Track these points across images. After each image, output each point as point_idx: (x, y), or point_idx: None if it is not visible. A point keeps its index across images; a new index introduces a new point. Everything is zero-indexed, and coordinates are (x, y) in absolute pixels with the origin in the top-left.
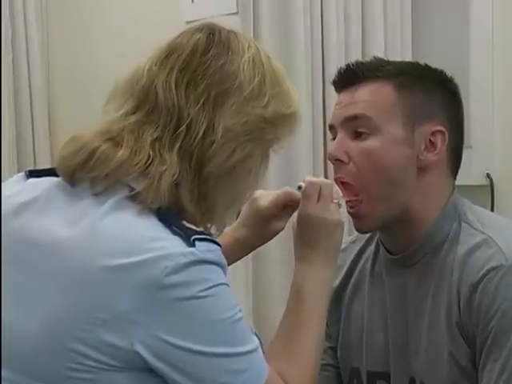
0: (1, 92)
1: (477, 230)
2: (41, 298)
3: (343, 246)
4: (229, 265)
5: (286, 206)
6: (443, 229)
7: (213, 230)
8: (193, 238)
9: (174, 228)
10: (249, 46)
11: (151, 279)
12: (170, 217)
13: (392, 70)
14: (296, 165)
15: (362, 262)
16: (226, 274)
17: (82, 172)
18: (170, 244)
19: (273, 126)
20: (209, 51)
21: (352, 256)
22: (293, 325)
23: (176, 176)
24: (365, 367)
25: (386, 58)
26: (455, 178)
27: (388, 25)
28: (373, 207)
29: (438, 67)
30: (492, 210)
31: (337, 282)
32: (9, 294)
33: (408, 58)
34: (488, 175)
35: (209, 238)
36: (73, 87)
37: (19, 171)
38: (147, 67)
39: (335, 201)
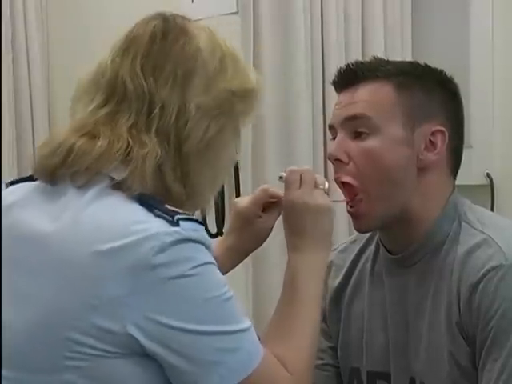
0: (1, 92)
1: (477, 229)
2: (32, 293)
3: (342, 246)
4: (225, 273)
5: (270, 204)
6: (443, 229)
7: (198, 210)
8: (176, 218)
9: (156, 211)
10: (203, 29)
11: (139, 260)
12: (152, 201)
13: (392, 69)
14: (296, 164)
15: (361, 261)
16: (212, 254)
17: (62, 169)
18: (154, 225)
19: (240, 99)
20: (167, 36)
21: (352, 256)
22: (288, 311)
23: (158, 157)
24: (365, 367)
25: (385, 58)
26: (455, 178)
27: (388, 25)
28: (372, 207)
29: (437, 67)
30: (492, 209)
31: (336, 282)
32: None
33: (408, 57)
34: (488, 175)
35: (192, 218)
36: (73, 87)
37: (19, 172)
38: (109, 61)
39: (320, 187)
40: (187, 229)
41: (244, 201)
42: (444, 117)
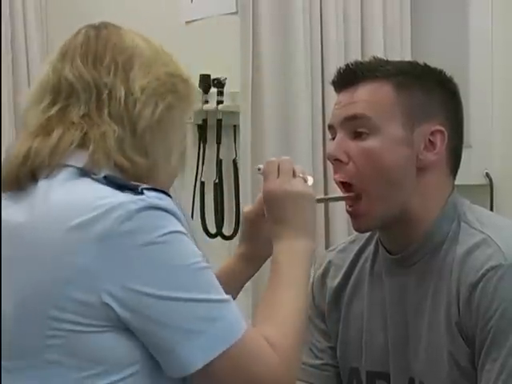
0: (0, 92)
1: (476, 229)
2: (12, 280)
3: (342, 246)
4: (243, 284)
5: None
6: (442, 229)
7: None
8: (141, 188)
9: (122, 188)
10: (131, 31)
11: (106, 230)
12: (117, 180)
13: (391, 69)
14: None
15: (361, 261)
16: (181, 224)
17: (24, 172)
18: (119, 196)
19: (180, 81)
20: (100, 35)
21: (351, 256)
22: (271, 295)
23: (117, 134)
24: (364, 367)
25: (385, 58)
26: (455, 178)
27: (387, 25)
28: (372, 207)
29: (437, 67)
30: (491, 209)
31: (336, 282)
32: None
33: (407, 57)
34: (487, 175)
35: (158, 188)
36: None
37: None
38: (51, 70)
39: (300, 175)
40: (152, 196)
41: (248, 206)
42: (443, 117)
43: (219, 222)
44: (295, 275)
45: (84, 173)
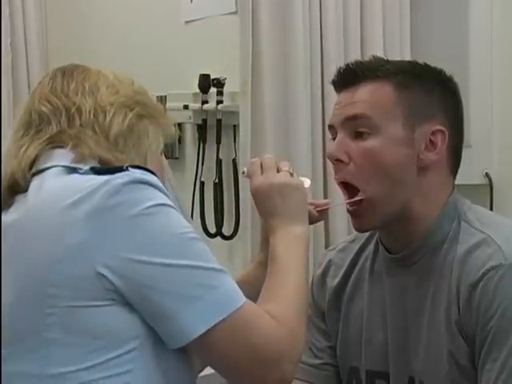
0: (0, 92)
1: (476, 229)
2: (7, 271)
3: (342, 245)
4: (259, 291)
5: None
6: (443, 228)
7: None
8: (125, 165)
9: (107, 173)
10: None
11: (96, 205)
12: (103, 168)
13: (391, 69)
14: (295, 165)
15: (361, 261)
16: (167, 198)
17: (5, 191)
18: (105, 176)
19: (146, 96)
20: (65, 70)
21: (351, 255)
22: (271, 281)
23: (91, 134)
24: (364, 366)
25: (385, 58)
26: (455, 178)
27: (387, 25)
28: (372, 206)
29: (437, 66)
30: (491, 209)
31: (336, 281)
32: None
33: (407, 57)
34: (487, 174)
35: (143, 166)
36: None
37: None
38: (22, 111)
39: (284, 169)
40: (137, 172)
41: None
42: (444, 116)
43: (219, 222)
44: (292, 260)
45: (71, 170)
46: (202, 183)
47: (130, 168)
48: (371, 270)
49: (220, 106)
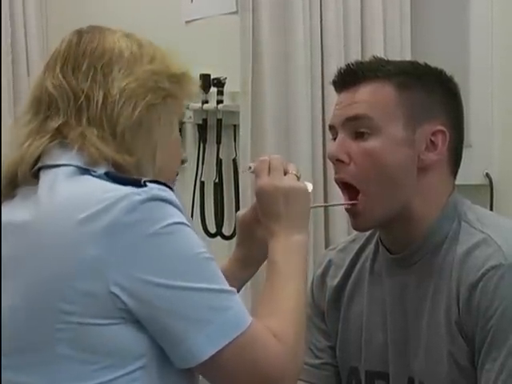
0: (0, 93)
1: (476, 229)
2: (19, 277)
3: (342, 245)
4: (240, 287)
5: None
6: (443, 228)
7: None
8: (143, 180)
9: (124, 182)
10: (120, 30)
11: (112, 221)
12: (118, 175)
13: (392, 69)
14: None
15: (361, 260)
16: (184, 216)
17: (6, 182)
18: (123, 189)
19: (165, 78)
20: (81, 40)
21: (351, 255)
22: (270, 292)
23: (96, 133)
24: (363, 366)
25: (385, 58)
26: (455, 178)
27: (387, 25)
28: (371, 206)
29: (437, 67)
30: (491, 209)
31: (336, 281)
32: None
33: (407, 57)
34: (487, 175)
35: (160, 181)
36: None
37: None
38: (35, 82)
39: (292, 172)
40: (154, 188)
41: (244, 209)
42: (444, 117)
43: (219, 222)
44: (292, 268)
45: (84, 171)
46: (202, 183)
47: (147, 183)
48: (371, 270)
49: (220, 106)
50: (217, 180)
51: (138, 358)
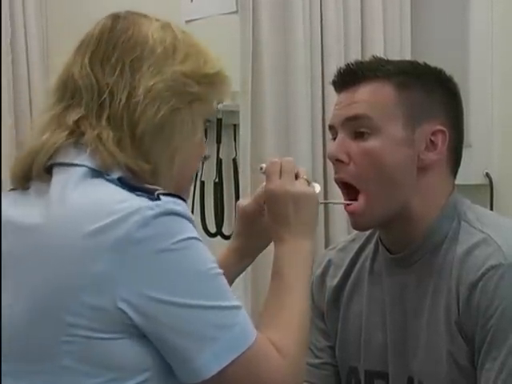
0: (0, 93)
1: (476, 228)
2: (24, 282)
3: (341, 244)
4: (233, 278)
5: None
6: (443, 228)
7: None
8: (157, 193)
9: (136, 192)
10: (156, 20)
11: (123, 236)
12: (132, 182)
13: (392, 69)
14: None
15: (361, 260)
16: (195, 229)
17: (24, 171)
18: (136, 202)
19: (195, 81)
20: (115, 28)
21: (351, 255)
22: (275, 299)
23: (112, 136)
24: (363, 366)
25: (385, 58)
26: (455, 177)
27: (387, 24)
28: (370, 206)
29: (437, 66)
30: (491, 209)
31: (335, 281)
32: None
33: (407, 57)
34: (487, 174)
35: (173, 193)
36: None
37: None
38: (65, 64)
39: (303, 177)
40: (169, 201)
41: (246, 199)
42: (444, 116)
43: (219, 222)
44: (297, 278)
45: (97, 173)
46: (202, 183)
47: (161, 196)
48: (371, 270)
49: (220, 106)
50: (217, 180)
51: (142, 372)
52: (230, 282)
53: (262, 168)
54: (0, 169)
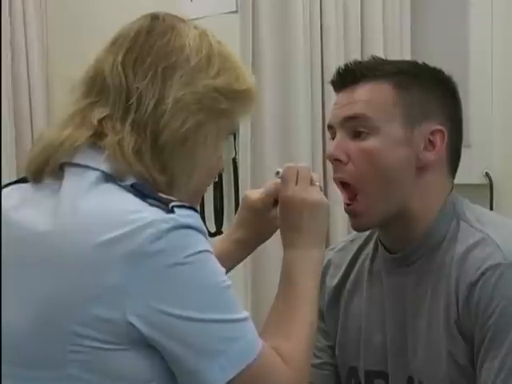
0: (0, 92)
1: (475, 228)
2: (31, 289)
3: (341, 245)
4: (230, 268)
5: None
6: (442, 228)
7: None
8: (171, 205)
9: (150, 200)
10: (195, 27)
11: (136, 249)
12: (146, 191)
13: (391, 69)
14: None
15: (360, 260)
16: (208, 241)
17: (41, 165)
18: (150, 213)
19: (225, 97)
20: (153, 31)
21: (350, 255)
22: (285, 307)
23: (133, 144)
24: (363, 366)
25: (384, 58)
26: (454, 177)
27: (387, 25)
28: (370, 206)
29: (436, 66)
30: (491, 209)
31: (335, 281)
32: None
33: (407, 57)
34: (487, 174)
35: (187, 205)
36: None
37: (18, 172)
38: (96, 57)
39: (316, 183)
40: (183, 215)
41: (255, 193)
42: (443, 116)
43: (219, 222)
44: (307, 287)
45: (110, 178)
46: None
47: (175, 209)
48: (370, 270)
49: None
50: (217, 179)
51: (148, 382)
52: (228, 271)
53: (278, 172)
54: (0, 168)
